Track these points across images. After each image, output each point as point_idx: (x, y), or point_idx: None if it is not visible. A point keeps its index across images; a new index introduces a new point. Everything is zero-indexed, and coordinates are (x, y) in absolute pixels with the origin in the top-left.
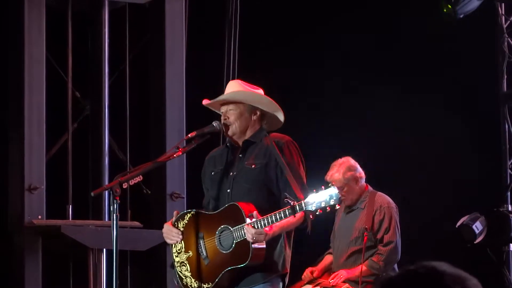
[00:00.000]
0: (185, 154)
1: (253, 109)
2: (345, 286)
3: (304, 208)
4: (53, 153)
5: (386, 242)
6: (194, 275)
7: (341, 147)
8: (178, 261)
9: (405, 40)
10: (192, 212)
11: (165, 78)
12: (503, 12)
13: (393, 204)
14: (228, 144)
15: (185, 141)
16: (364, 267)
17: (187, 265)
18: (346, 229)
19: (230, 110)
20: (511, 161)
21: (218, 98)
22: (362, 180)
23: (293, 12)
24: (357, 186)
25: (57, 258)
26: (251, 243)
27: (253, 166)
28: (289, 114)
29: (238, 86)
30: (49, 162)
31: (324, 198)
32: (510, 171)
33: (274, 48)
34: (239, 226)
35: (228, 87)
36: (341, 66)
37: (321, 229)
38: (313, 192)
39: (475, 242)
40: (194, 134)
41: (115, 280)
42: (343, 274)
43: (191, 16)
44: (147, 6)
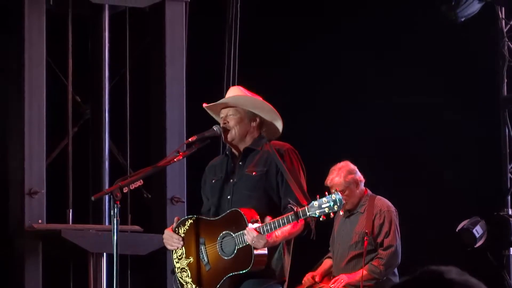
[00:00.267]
0: (185, 159)
1: (253, 115)
2: None
3: (307, 214)
4: (53, 157)
5: (386, 246)
6: (195, 281)
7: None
8: (179, 267)
9: (405, 44)
10: (193, 218)
11: (165, 82)
12: (503, 16)
13: (392, 207)
14: (227, 152)
15: (185, 145)
16: (364, 272)
17: (188, 271)
18: (346, 233)
19: (230, 115)
20: (511, 165)
21: (219, 101)
22: (362, 183)
23: (293, 15)
24: (357, 190)
25: (57, 262)
26: (253, 249)
27: (253, 173)
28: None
29: (239, 91)
30: (49, 166)
31: (328, 204)
32: (510, 175)
33: (274, 51)
34: (241, 232)
35: (229, 92)
36: (342, 68)
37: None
38: (316, 198)
39: (476, 246)
40: (194, 138)
41: (116, 284)
42: (344, 278)
43: (191, 20)
44: (147, 10)
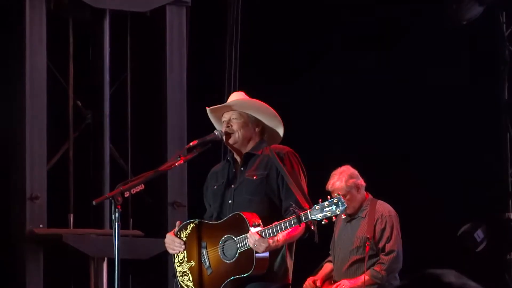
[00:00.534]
0: (186, 163)
1: (256, 121)
2: None
3: (309, 217)
4: (54, 161)
5: (388, 251)
6: (197, 285)
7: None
8: (180, 271)
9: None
10: (195, 222)
11: (166, 86)
12: (504, 20)
13: (393, 212)
14: (229, 157)
15: (186, 149)
16: (366, 277)
17: (190, 275)
18: (347, 238)
19: (234, 119)
20: None
21: (224, 104)
22: (363, 188)
23: (295, 19)
24: (359, 194)
25: (58, 266)
26: (255, 253)
27: (254, 177)
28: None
29: (242, 96)
30: (50, 171)
31: (330, 208)
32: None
33: (276, 55)
34: (243, 235)
35: (231, 97)
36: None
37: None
38: (318, 201)
39: (477, 250)
40: (195, 142)
41: None
42: (346, 284)
43: (193, 25)
44: (149, 15)
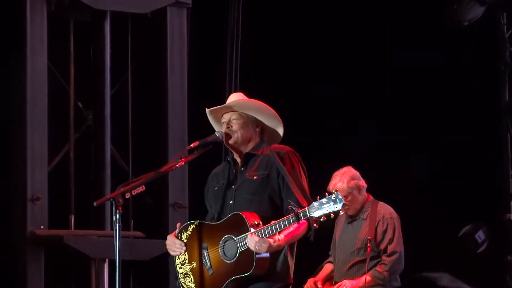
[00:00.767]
0: (187, 164)
1: (256, 121)
2: None
3: (308, 214)
4: (55, 163)
5: (390, 252)
6: (198, 286)
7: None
8: (182, 272)
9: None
10: (195, 223)
11: (167, 88)
12: (505, 21)
13: (395, 214)
14: (229, 159)
15: (187, 151)
16: (368, 278)
17: (191, 276)
18: (349, 239)
19: (234, 119)
20: None
21: (224, 105)
22: (365, 189)
23: (296, 21)
24: (360, 196)
25: (59, 268)
26: (255, 252)
27: (254, 177)
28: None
29: (241, 97)
30: (51, 172)
31: (328, 204)
32: None
33: (276, 56)
34: (243, 235)
35: (230, 98)
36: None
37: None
38: (317, 199)
39: (478, 251)
40: (196, 144)
41: None
42: (347, 284)
43: (193, 26)
44: (149, 16)
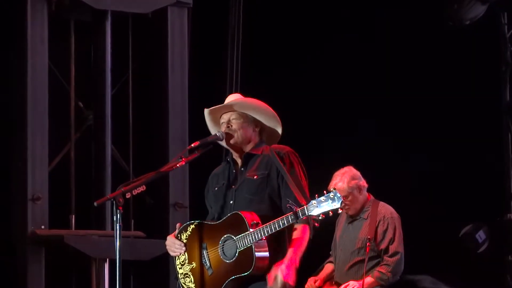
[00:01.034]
0: (188, 164)
1: (255, 121)
2: None
3: (306, 213)
4: (56, 163)
5: (393, 252)
6: (198, 286)
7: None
8: (182, 272)
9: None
10: (195, 223)
11: (167, 88)
12: (506, 21)
13: (395, 214)
14: (229, 159)
15: (188, 150)
16: (371, 279)
17: (191, 276)
18: (349, 239)
19: (233, 119)
20: None
21: (224, 104)
22: (365, 189)
23: (297, 21)
24: (360, 195)
25: (60, 268)
26: (254, 252)
27: (255, 177)
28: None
29: (240, 97)
30: (52, 172)
31: (326, 202)
32: None
33: (276, 57)
34: (242, 235)
35: (228, 98)
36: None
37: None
38: (315, 197)
39: (478, 251)
40: (197, 143)
41: None
42: (355, 285)
43: (194, 26)
44: (150, 16)
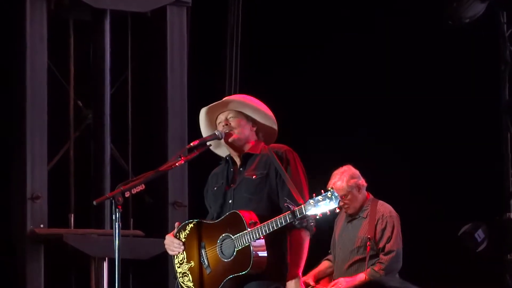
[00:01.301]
0: (187, 163)
1: (252, 120)
2: None
3: (304, 212)
4: (55, 162)
5: (388, 251)
6: (196, 285)
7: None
8: (180, 271)
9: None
10: (193, 222)
11: (167, 87)
12: (505, 20)
13: (394, 213)
14: (227, 158)
15: (187, 149)
16: (365, 276)
17: (189, 275)
18: (348, 238)
19: (231, 117)
20: None
21: (221, 101)
22: (364, 188)
23: (296, 22)
24: (360, 194)
25: (59, 267)
26: (252, 251)
27: (253, 176)
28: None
29: (237, 96)
30: (51, 171)
31: (324, 202)
32: None
33: (276, 56)
34: (241, 234)
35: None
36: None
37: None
38: (313, 196)
39: (477, 251)
40: (196, 142)
41: None
42: (342, 283)
43: (193, 25)
44: (149, 15)
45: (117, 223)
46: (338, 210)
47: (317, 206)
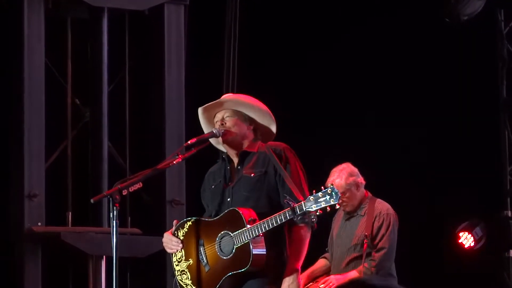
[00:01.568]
0: (184, 161)
1: (249, 119)
2: None
3: (304, 209)
4: (52, 159)
5: (379, 248)
6: (195, 283)
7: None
8: (179, 269)
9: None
10: (192, 220)
11: (164, 84)
12: (502, 18)
13: (392, 211)
14: (224, 156)
15: (185, 147)
16: (357, 273)
17: (188, 273)
18: (346, 236)
19: (228, 117)
20: (511, 167)
21: (218, 101)
22: (363, 186)
23: (293, 18)
24: (358, 192)
25: (56, 265)
26: (252, 248)
27: (252, 174)
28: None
29: (234, 96)
30: (48, 169)
31: (324, 198)
32: (510, 177)
33: (273, 54)
34: (240, 231)
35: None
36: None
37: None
38: (312, 192)
39: (475, 248)
40: (194, 140)
41: (115, 287)
42: (333, 280)
43: (191, 23)
44: (147, 13)
45: (114, 221)
46: (338, 207)
47: (317, 203)
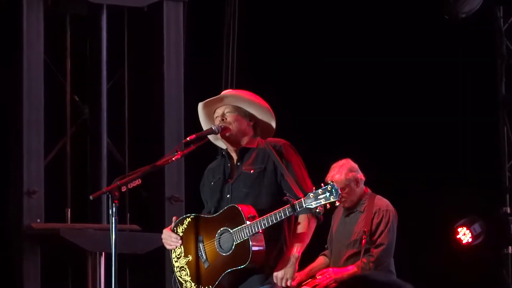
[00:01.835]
0: (183, 157)
1: (249, 115)
2: None
3: (304, 206)
4: (51, 156)
5: (378, 244)
6: (194, 279)
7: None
8: (178, 266)
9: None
10: (191, 216)
11: (163, 81)
12: (501, 15)
13: (391, 207)
14: (223, 153)
15: (184, 144)
16: (355, 268)
17: (187, 269)
18: (346, 232)
19: (228, 112)
20: (510, 163)
21: (218, 96)
22: (362, 182)
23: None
24: (357, 188)
25: (56, 261)
26: (251, 244)
27: (251, 171)
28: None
29: (234, 92)
30: (47, 165)
31: (324, 195)
32: (509, 174)
33: (273, 51)
34: (239, 227)
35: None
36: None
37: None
38: (312, 189)
39: (474, 244)
40: (193, 137)
41: (114, 283)
42: (331, 273)
43: (190, 20)
44: (146, 10)
45: (113, 218)
46: (338, 203)
47: (317, 199)
